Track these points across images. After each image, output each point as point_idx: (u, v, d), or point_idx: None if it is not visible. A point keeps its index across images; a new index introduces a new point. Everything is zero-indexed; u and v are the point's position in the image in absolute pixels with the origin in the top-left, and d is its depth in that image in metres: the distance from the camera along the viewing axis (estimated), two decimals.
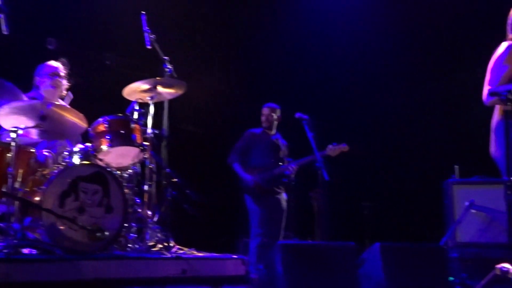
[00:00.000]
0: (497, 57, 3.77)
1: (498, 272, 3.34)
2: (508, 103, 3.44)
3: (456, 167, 6.06)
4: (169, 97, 4.57)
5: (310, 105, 6.23)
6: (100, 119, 4.16)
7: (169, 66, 4.59)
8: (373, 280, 4.54)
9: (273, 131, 6.05)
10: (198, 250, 4.14)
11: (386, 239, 4.99)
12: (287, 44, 7.73)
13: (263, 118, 6.04)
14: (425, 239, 5.44)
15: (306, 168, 5.71)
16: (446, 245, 5.59)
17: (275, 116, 6.02)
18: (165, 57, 4.61)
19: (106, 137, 4.10)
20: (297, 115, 5.59)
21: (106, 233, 3.61)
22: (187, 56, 7.10)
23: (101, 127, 4.14)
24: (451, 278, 5.05)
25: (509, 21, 3.88)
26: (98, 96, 6.18)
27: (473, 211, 5.72)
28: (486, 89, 3.76)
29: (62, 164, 3.91)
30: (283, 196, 5.87)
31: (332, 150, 5.71)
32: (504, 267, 3.31)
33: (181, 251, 4.08)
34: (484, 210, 5.70)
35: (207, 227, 6.83)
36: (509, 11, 3.90)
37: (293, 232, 6.33)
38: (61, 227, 3.53)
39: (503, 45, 3.79)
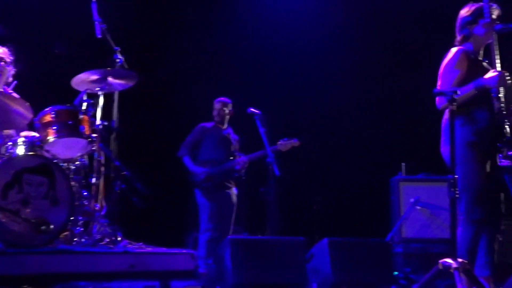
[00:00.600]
0: (447, 62, 3.84)
1: (441, 267, 3.44)
2: (454, 103, 3.53)
3: (403, 164, 6.23)
4: (120, 88, 4.49)
5: (262, 100, 6.24)
6: (47, 109, 4.05)
7: (120, 57, 4.50)
8: (321, 275, 4.60)
9: (225, 126, 6.04)
10: (147, 245, 4.09)
11: (335, 234, 5.06)
12: (240, 38, 7.72)
13: (214, 112, 6.02)
14: (373, 234, 5.56)
15: (257, 163, 5.73)
16: (392, 240, 5.74)
17: (226, 111, 6.01)
18: (116, 47, 4.52)
19: (53, 127, 4.00)
20: (249, 110, 5.60)
21: (51, 226, 3.52)
22: (139, 46, 6.99)
23: (48, 117, 4.03)
24: (395, 273, 5.18)
25: (458, 23, 3.98)
26: (45, 85, 6.00)
27: (418, 207, 5.90)
28: None
29: (6, 155, 3.78)
30: (234, 191, 5.87)
31: (283, 145, 5.75)
32: (447, 262, 3.41)
33: (129, 246, 4.01)
34: (428, 206, 5.88)
35: (156, 221, 6.76)
36: (458, 13, 4.00)
37: (243, 227, 6.35)
38: (3, 220, 3.42)
39: (453, 50, 3.86)
